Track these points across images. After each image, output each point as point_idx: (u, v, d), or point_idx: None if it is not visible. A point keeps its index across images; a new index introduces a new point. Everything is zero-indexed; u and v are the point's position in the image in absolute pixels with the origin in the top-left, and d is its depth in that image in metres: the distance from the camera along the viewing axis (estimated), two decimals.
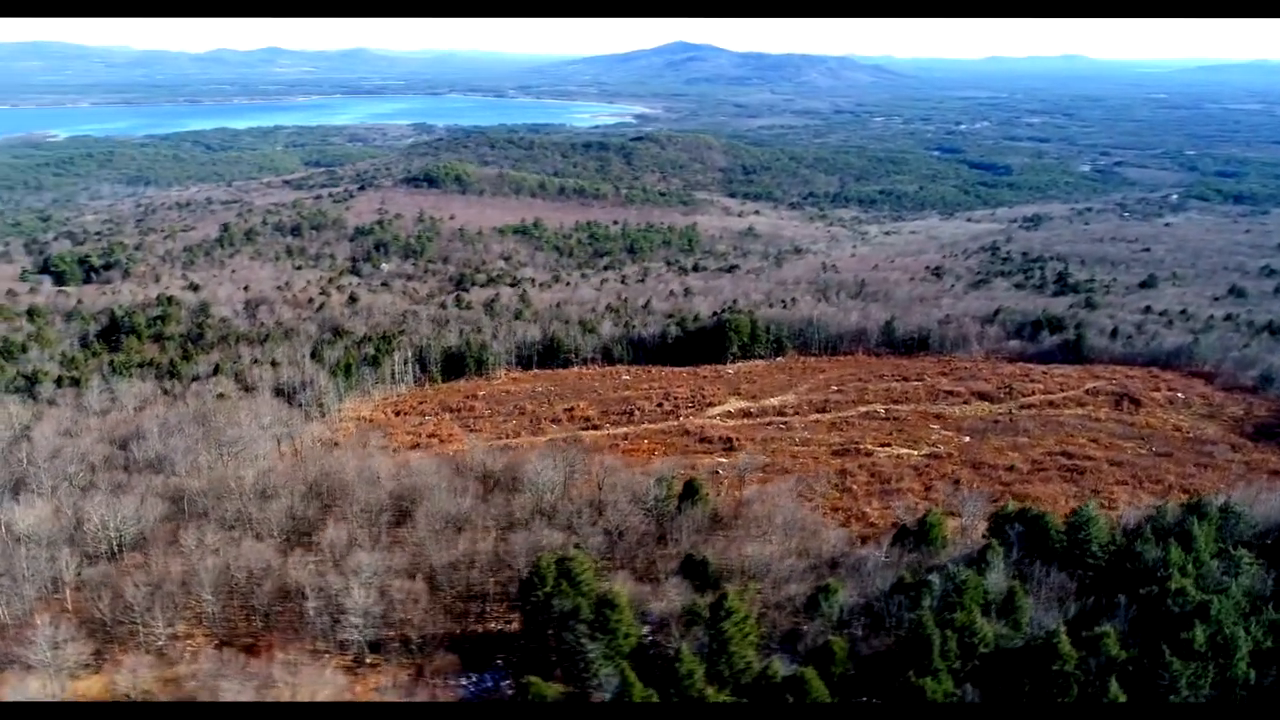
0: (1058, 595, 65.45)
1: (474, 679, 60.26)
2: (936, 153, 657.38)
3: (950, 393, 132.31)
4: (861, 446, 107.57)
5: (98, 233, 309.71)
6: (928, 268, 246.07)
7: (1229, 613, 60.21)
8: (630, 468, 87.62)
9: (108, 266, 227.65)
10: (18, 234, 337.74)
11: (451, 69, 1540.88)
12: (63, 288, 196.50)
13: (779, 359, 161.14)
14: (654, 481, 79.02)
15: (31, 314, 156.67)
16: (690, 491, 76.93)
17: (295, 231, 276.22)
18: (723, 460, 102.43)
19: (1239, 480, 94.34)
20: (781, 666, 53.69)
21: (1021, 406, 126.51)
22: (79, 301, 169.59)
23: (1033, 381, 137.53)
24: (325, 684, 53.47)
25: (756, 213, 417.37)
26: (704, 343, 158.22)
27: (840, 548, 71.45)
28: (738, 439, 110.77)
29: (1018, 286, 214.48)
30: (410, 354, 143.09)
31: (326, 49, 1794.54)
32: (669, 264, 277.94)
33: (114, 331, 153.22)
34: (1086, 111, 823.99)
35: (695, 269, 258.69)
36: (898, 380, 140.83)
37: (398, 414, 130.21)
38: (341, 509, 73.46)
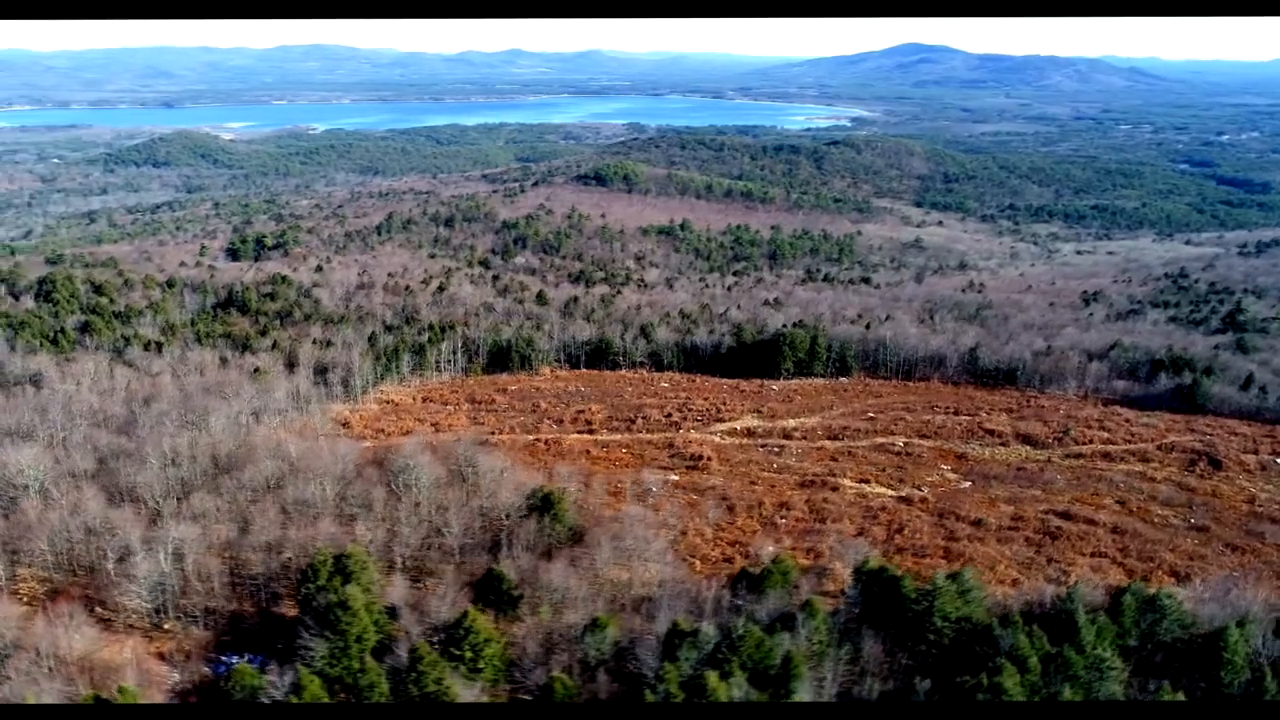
0: (871, 671, 57.81)
1: (246, 658, 62.30)
2: (1183, 165, 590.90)
3: (992, 432, 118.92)
4: (835, 480, 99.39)
5: (300, 216, 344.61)
6: (1083, 293, 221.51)
7: None
8: (536, 472, 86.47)
9: (275, 247, 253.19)
10: (243, 214, 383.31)
11: (678, 70, 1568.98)
12: (216, 264, 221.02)
13: (841, 380, 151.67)
14: (528, 492, 77.61)
15: (169, 285, 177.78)
16: (547, 505, 74.78)
17: (449, 223, 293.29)
18: (674, 477, 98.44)
19: (1265, 571, 78.37)
20: (464, 692, 51.34)
21: (1067, 455, 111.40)
22: (211, 275, 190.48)
23: (1102, 429, 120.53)
24: (80, 640, 57.50)
25: (939, 224, 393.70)
26: (758, 356, 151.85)
27: (670, 583, 66.70)
28: (710, 458, 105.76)
29: (1173, 320, 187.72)
30: (459, 344, 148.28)
31: (564, 50, 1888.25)
32: (807, 272, 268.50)
33: (228, 305, 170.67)
34: None
35: (826, 279, 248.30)
36: (947, 413, 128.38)
37: (425, 401, 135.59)
38: (224, 482, 78.02)
